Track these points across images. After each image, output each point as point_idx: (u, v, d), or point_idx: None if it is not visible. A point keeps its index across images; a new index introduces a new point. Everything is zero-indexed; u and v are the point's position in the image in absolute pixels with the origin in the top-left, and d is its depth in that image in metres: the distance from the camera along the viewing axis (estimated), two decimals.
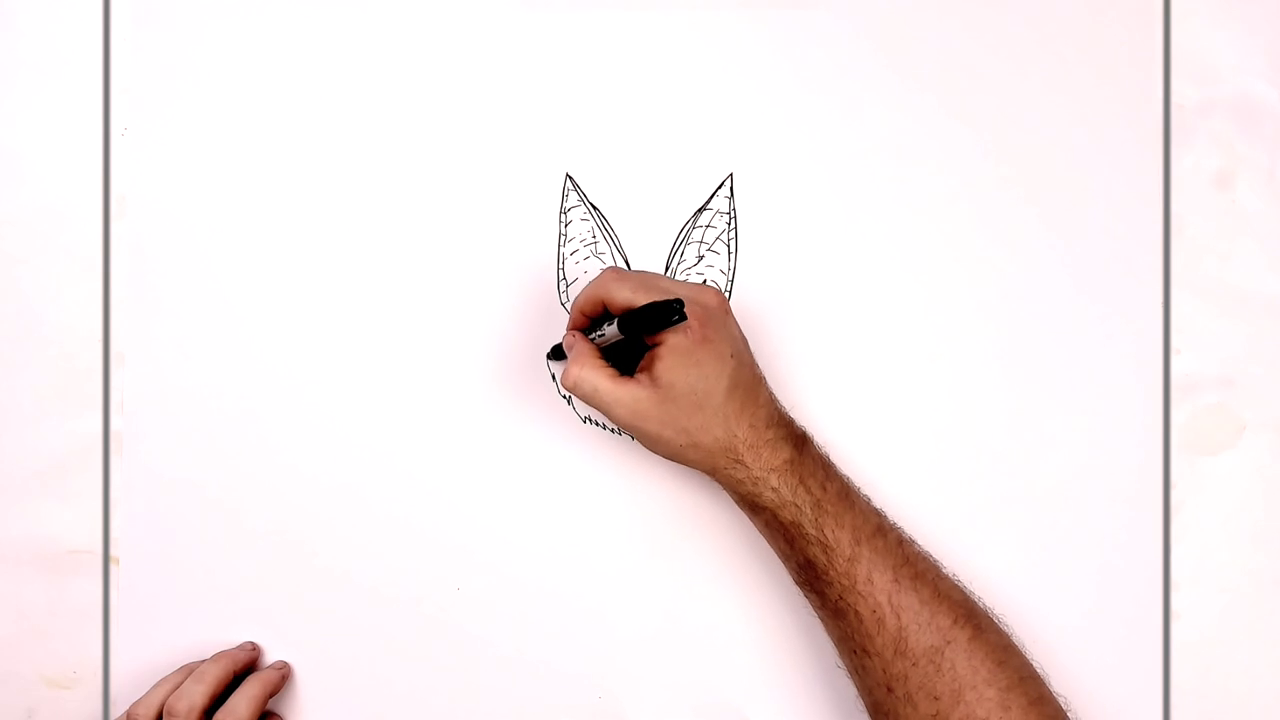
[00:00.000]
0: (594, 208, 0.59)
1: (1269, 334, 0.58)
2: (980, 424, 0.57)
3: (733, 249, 0.58)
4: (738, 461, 0.50)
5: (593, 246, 0.59)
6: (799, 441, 0.51)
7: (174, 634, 0.58)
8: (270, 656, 0.58)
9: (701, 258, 0.58)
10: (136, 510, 0.59)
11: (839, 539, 0.49)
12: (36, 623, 0.59)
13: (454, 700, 0.58)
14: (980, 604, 0.50)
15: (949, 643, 0.47)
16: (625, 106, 0.59)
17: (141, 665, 0.58)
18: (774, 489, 0.49)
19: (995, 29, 0.58)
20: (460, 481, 0.58)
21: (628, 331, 0.49)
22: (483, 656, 0.58)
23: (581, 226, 0.59)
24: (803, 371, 0.58)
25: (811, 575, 0.50)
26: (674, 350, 0.49)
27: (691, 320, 0.49)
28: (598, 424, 0.58)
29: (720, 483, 0.52)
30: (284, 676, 0.57)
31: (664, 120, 0.59)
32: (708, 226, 0.58)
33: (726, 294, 0.58)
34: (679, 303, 0.47)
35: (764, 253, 0.58)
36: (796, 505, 0.49)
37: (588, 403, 0.50)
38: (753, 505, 0.51)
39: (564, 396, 0.59)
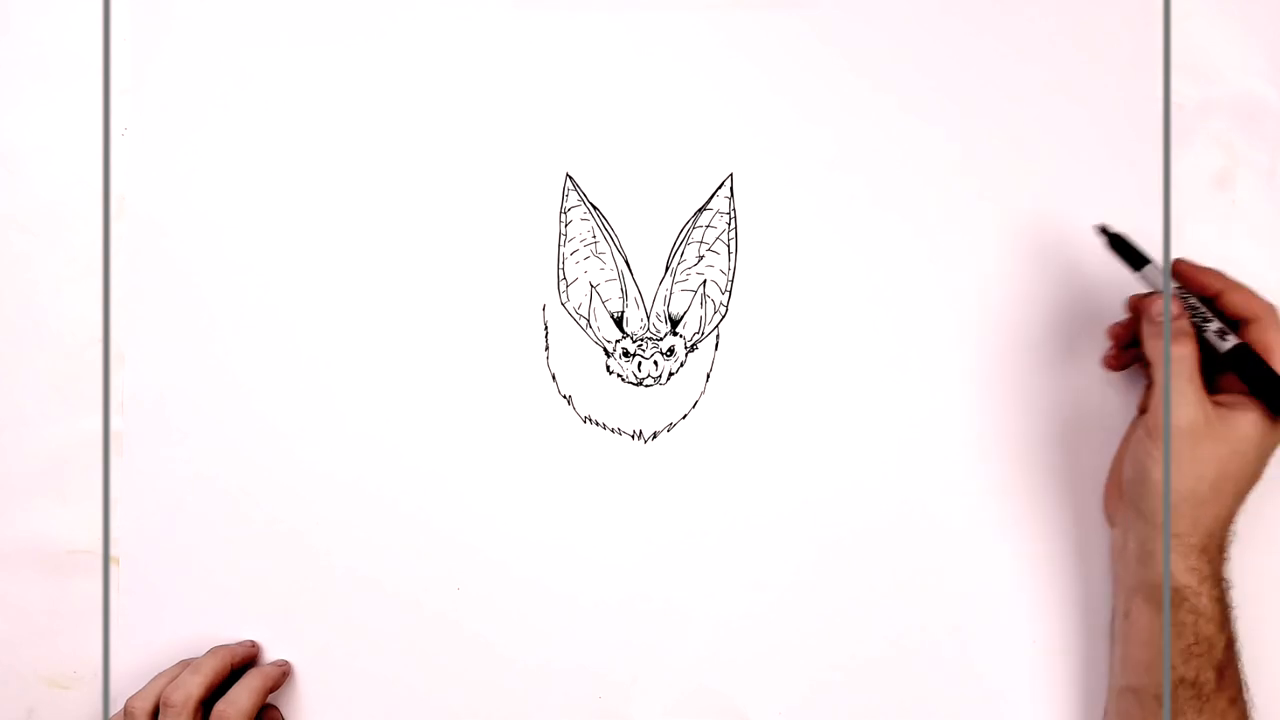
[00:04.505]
0: (594, 208, 0.59)
1: None
2: (980, 423, 0.57)
3: (733, 249, 0.58)
4: (1201, 551, 0.48)
5: (593, 246, 0.59)
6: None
7: (174, 634, 0.58)
8: (270, 655, 0.58)
9: (701, 258, 0.58)
10: (136, 510, 0.59)
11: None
12: (36, 623, 0.59)
13: (453, 699, 0.58)
14: None
15: None
16: (625, 106, 0.59)
17: (141, 665, 0.58)
18: (1201, 611, 0.49)
19: (995, 29, 0.58)
20: (460, 481, 0.58)
21: (1245, 376, 0.48)
22: (483, 656, 0.58)
23: (581, 226, 0.59)
24: (803, 371, 0.58)
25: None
26: (1254, 424, 0.48)
27: None
28: (598, 424, 0.59)
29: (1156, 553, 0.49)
30: (285, 673, 0.57)
31: (664, 120, 0.59)
32: (708, 226, 0.58)
33: (726, 294, 0.58)
34: None
35: (764, 253, 0.58)
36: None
37: (1172, 376, 0.48)
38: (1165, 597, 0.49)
39: (564, 397, 0.59)
